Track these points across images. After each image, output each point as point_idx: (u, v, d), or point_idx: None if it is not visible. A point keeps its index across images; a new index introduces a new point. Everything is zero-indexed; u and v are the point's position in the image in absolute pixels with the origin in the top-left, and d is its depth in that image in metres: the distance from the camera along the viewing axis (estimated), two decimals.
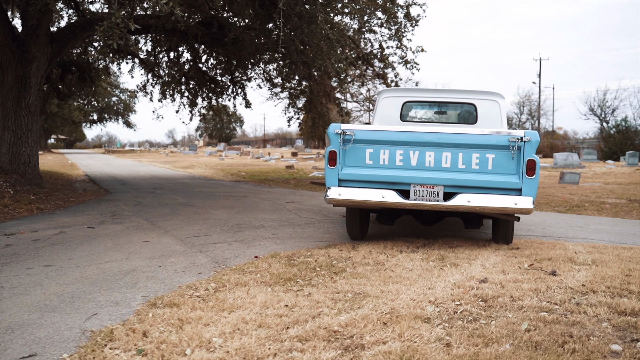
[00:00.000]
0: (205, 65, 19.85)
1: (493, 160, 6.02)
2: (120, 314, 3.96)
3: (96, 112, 71.65)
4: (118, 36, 6.81)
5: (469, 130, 6.33)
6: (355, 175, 6.28)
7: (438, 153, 6.13)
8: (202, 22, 14.20)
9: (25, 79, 11.77)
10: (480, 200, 5.90)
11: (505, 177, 5.96)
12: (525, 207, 5.79)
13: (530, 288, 4.19)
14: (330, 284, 4.54)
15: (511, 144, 5.92)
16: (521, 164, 5.93)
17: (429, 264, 5.19)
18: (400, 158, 6.21)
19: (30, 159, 12.04)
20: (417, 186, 6.12)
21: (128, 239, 7.08)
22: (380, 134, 6.30)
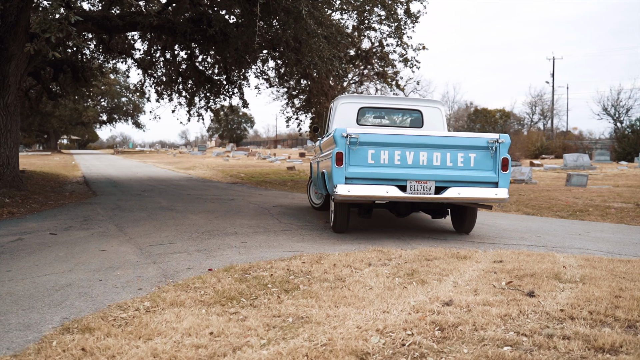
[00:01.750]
0: (201, 64, 19.42)
1: (474, 159, 7.04)
2: (23, 340, 3.45)
3: (106, 112, 71.74)
4: (57, 29, 6.31)
5: (457, 134, 7.46)
6: (360, 173, 6.95)
7: (430, 153, 7.01)
8: (191, 19, 13.74)
9: (3, 78, 11.33)
10: (468, 192, 6.92)
11: (485, 173, 7.05)
12: (502, 197, 6.99)
13: (499, 313, 3.62)
14: (274, 305, 3.99)
15: (489, 145, 7.02)
16: (497, 161, 7.03)
17: (394, 280, 4.63)
18: (398, 158, 7.01)
19: (9, 160, 11.61)
20: (413, 182, 6.97)
21: (85, 247, 6.58)
22: (381, 137, 7.06)
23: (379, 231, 7.85)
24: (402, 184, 6.94)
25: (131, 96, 63.68)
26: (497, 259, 5.55)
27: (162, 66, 20.18)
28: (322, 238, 7.21)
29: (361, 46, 17.78)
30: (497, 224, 8.90)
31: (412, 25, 16.36)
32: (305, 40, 11.49)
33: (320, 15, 11.04)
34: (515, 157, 31.53)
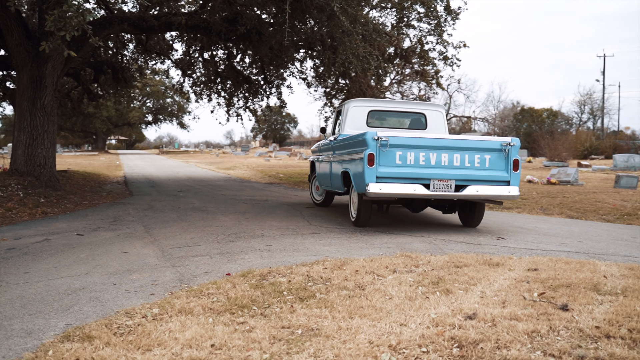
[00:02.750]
0: (239, 64, 19.38)
1: (489, 159, 7.76)
2: (21, 348, 3.32)
3: (151, 113, 73.01)
4: (72, 27, 6.22)
5: (474, 137, 8.18)
6: (389, 173, 7.51)
7: (451, 155, 7.64)
8: (227, 18, 13.64)
9: (40, 79, 11.46)
10: (485, 190, 7.65)
11: (499, 172, 7.77)
12: (514, 194, 7.78)
13: (526, 329, 3.30)
14: (285, 315, 3.77)
15: (503, 148, 7.78)
16: (509, 162, 7.78)
17: (417, 289, 4.34)
18: (423, 158, 7.60)
19: (46, 160, 11.73)
20: (436, 180, 7.59)
21: (107, 249, 6.50)
22: (408, 140, 7.66)
23: (410, 234, 7.55)
24: (426, 182, 7.57)
25: (176, 97, 64.57)
26: (532, 266, 5.19)
27: (201, 67, 20.24)
28: (350, 242, 6.95)
29: (400, 44, 17.41)
30: (538, 228, 8.47)
31: (453, 22, 15.95)
32: (340, 38, 11.25)
33: (355, 12, 10.76)
34: (562, 158, 30.54)
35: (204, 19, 13.49)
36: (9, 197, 10.07)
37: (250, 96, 20.18)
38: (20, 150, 11.57)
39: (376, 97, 18.08)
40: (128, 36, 17.93)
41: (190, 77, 20.09)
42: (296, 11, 11.48)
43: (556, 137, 37.50)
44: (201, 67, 20.24)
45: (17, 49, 11.27)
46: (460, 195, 7.64)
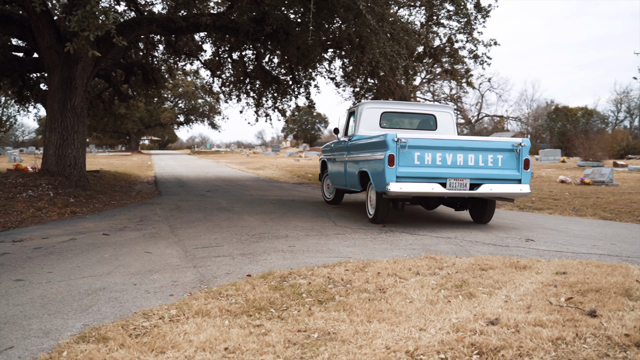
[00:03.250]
0: (268, 64, 19.40)
1: (502, 159, 8.15)
2: (36, 349, 3.32)
3: (183, 114, 73.80)
4: (95, 27, 6.24)
5: (487, 139, 8.65)
6: (408, 172, 7.88)
7: (465, 155, 8.03)
8: (254, 19, 13.65)
9: (70, 80, 11.62)
10: (498, 188, 8.06)
11: (510, 171, 8.17)
12: (525, 192, 8.19)
13: (551, 336, 3.16)
14: (303, 318, 3.69)
15: (514, 148, 8.17)
16: (520, 162, 8.17)
17: (439, 293, 4.22)
18: (439, 159, 7.98)
19: (76, 160, 11.89)
20: (452, 179, 7.95)
21: (131, 249, 6.52)
22: (426, 141, 8.02)
23: (436, 235, 7.41)
24: (443, 181, 7.94)
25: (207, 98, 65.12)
26: (561, 270, 5.01)
27: (230, 67, 20.32)
28: (374, 243, 6.85)
29: (429, 43, 17.21)
30: (569, 230, 8.23)
31: (483, 20, 15.70)
32: (367, 37, 11.14)
33: (382, 11, 10.63)
34: (596, 157, 29.84)
35: (231, 19, 13.53)
36: (39, 196, 10.22)
37: (279, 96, 20.19)
38: (52, 150, 11.75)
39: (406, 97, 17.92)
40: (158, 37, 18.10)
41: (219, 78, 20.19)
42: (323, 10, 11.42)
43: (591, 136, 36.72)
44: (230, 68, 20.33)
45: (48, 51, 11.44)
46: (475, 193, 8.03)
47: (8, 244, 6.89)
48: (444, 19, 16.22)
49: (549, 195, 13.26)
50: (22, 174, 11.66)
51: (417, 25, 16.80)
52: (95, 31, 6.24)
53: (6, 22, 11.63)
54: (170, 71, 19.82)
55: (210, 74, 20.27)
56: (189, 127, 75.57)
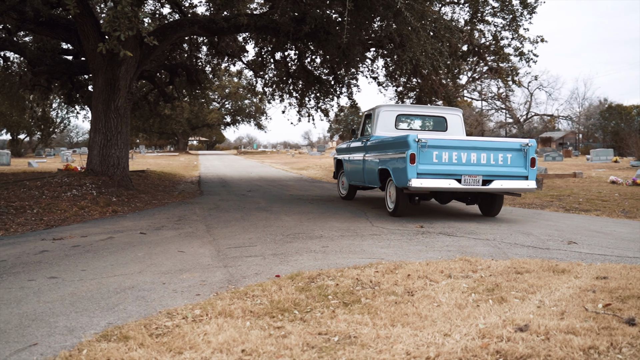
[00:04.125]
0: (310, 64, 19.39)
1: (511, 158, 8.96)
2: (59, 346, 3.34)
3: (229, 114, 74.70)
4: (126, 27, 6.29)
5: (498, 139, 9.54)
6: (428, 169, 8.66)
7: (478, 154, 8.84)
8: (295, 18, 13.64)
9: (114, 82, 11.85)
10: (507, 184, 8.86)
11: (518, 169, 8.98)
12: (532, 187, 9.04)
13: (582, 345, 2.99)
14: (325, 320, 3.61)
15: (522, 148, 8.98)
16: (527, 160, 8.99)
17: (470, 297, 4.07)
18: (455, 157, 8.79)
19: (119, 160, 12.12)
20: (466, 176, 8.77)
21: (166, 248, 6.57)
22: (443, 141, 8.88)
23: (474, 237, 7.21)
24: (458, 177, 8.73)
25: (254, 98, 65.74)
26: (601, 274, 4.78)
27: (273, 67, 20.41)
28: (409, 244, 6.71)
29: (474, 41, 16.86)
30: (616, 232, 7.89)
31: (529, 16, 15.30)
32: (407, 35, 10.98)
33: (422, 8, 10.45)
34: None
35: (272, 19, 13.56)
36: (83, 195, 10.44)
37: (321, 96, 20.16)
38: (96, 150, 12.01)
39: (449, 96, 17.64)
40: (202, 39, 18.32)
41: (262, 78, 20.30)
42: (362, 9, 11.31)
43: None
44: (273, 68, 20.42)
45: (92, 54, 11.69)
46: (487, 188, 8.85)
47: (48, 241, 7.04)
48: (489, 16, 15.88)
49: (597, 197, 12.80)
50: (68, 174, 11.96)
51: (461, 23, 16.50)
52: (127, 31, 6.31)
53: (53, 26, 11.96)
54: (214, 72, 20.02)
55: (253, 75, 20.39)
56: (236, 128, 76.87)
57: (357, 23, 12.08)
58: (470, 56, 17.77)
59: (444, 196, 10.03)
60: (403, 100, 19.58)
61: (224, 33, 14.58)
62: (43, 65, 14.22)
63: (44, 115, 22.76)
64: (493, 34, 16.37)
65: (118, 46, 6.78)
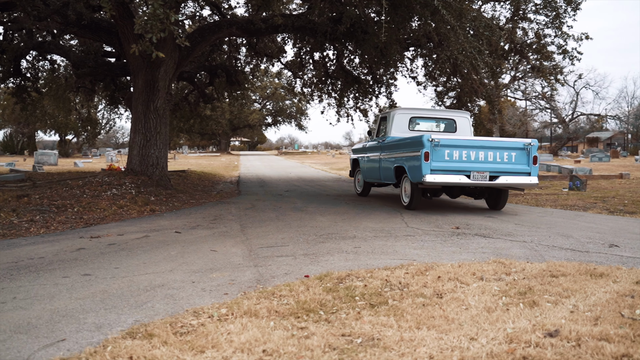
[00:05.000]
0: (349, 64, 19.34)
1: (515, 156, 9.89)
2: (86, 342, 3.38)
3: (271, 115, 75.24)
4: (158, 29, 6.35)
5: (503, 139, 10.30)
6: (440, 166, 9.62)
7: (486, 152, 9.77)
8: (332, 18, 13.62)
9: (153, 83, 12.04)
10: (512, 179, 9.82)
11: (522, 166, 9.93)
12: (534, 182, 9.96)
13: (615, 353, 2.86)
14: (350, 322, 3.56)
15: (525, 147, 9.93)
16: (530, 158, 9.92)
17: (500, 300, 3.96)
18: (465, 155, 9.73)
19: (158, 160, 12.31)
20: (475, 172, 9.71)
21: (199, 247, 6.62)
22: (454, 141, 9.79)
23: (511, 239, 7.04)
24: (468, 173, 9.68)
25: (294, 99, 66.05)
26: (639, 278, 4.60)
27: (312, 68, 20.44)
28: (443, 246, 6.60)
29: (515, 39, 16.52)
30: None
31: (573, 13, 14.93)
32: (445, 34, 10.82)
33: (460, 6, 10.28)
34: None
35: (309, 19, 13.56)
36: (122, 195, 10.64)
37: (360, 96, 20.09)
38: (135, 151, 12.22)
39: (490, 96, 17.33)
40: (241, 40, 18.47)
41: (301, 79, 20.34)
42: (400, 7, 11.21)
43: None
44: (312, 68, 20.45)
45: (133, 55, 11.88)
46: (493, 183, 9.80)
47: (86, 239, 7.19)
48: (531, 13, 15.55)
49: None
50: (109, 174, 12.21)
51: (502, 21, 16.20)
52: (158, 33, 6.39)
53: (95, 29, 12.23)
54: (253, 73, 20.17)
55: (292, 75, 20.46)
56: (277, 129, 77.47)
57: (395, 22, 11.98)
58: (512, 55, 17.44)
59: (454, 191, 10.82)
60: (443, 100, 19.36)
61: (261, 34, 14.67)
62: (86, 68, 14.57)
63: (88, 116, 23.30)
64: (535, 31, 16.02)
65: (151, 48, 6.87)
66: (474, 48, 10.67)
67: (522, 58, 17.17)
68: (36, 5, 10.35)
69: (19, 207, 9.34)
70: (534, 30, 15.99)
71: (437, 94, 19.06)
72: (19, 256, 6.11)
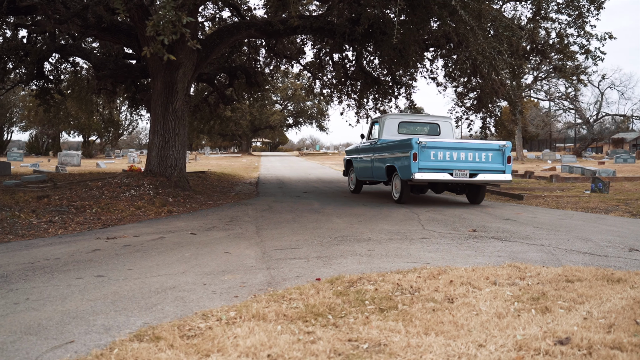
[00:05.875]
0: (368, 65, 19.27)
1: (492, 156, 11.38)
2: (93, 344, 3.39)
3: (292, 116, 75.40)
4: (170, 31, 6.36)
5: (481, 142, 12.03)
6: (427, 165, 11.03)
7: (466, 153, 11.23)
8: (351, 19, 13.58)
9: (172, 85, 12.11)
10: (489, 177, 11.34)
11: (498, 165, 11.41)
12: (508, 179, 11.50)
13: None
14: (357, 327, 3.53)
15: (500, 148, 11.43)
16: (504, 158, 11.40)
17: (512, 305, 3.90)
18: (448, 156, 11.17)
19: (176, 162, 12.38)
20: (457, 170, 11.15)
21: (213, 248, 6.63)
22: (438, 143, 11.30)
23: (528, 242, 6.93)
24: (450, 172, 11.14)
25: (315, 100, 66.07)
26: None
27: (331, 69, 20.41)
28: (459, 249, 6.52)
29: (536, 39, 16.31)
30: None
31: (596, 12, 14.70)
32: (463, 34, 10.72)
33: (479, 7, 10.16)
34: None
35: (327, 21, 13.54)
36: (140, 196, 10.72)
37: (379, 97, 20.01)
38: (154, 152, 12.31)
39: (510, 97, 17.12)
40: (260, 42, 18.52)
41: (319, 80, 20.33)
42: (418, 8, 11.13)
43: None
44: (332, 70, 20.42)
45: (152, 58, 11.95)
46: (473, 180, 11.31)
47: (102, 240, 7.25)
48: (553, 13, 15.34)
49: None
50: (128, 175, 12.31)
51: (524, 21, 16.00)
52: (170, 35, 6.41)
53: (115, 31, 12.35)
54: (272, 74, 20.21)
55: (312, 77, 20.45)
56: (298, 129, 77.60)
57: (414, 23, 11.89)
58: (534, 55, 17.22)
59: (438, 187, 12.78)
60: (463, 101, 19.17)
61: (280, 35, 14.68)
62: (106, 70, 14.73)
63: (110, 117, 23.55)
64: (557, 31, 15.80)
65: (162, 50, 6.90)
66: (493, 49, 10.54)
67: (543, 58, 16.91)
68: (57, 8, 10.48)
69: (38, 207, 9.46)
70: (556, 30, 15.77)
71: (457, 95, 18.88)
72: (35, 257, 6.18)
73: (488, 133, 18.42)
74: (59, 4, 10.39)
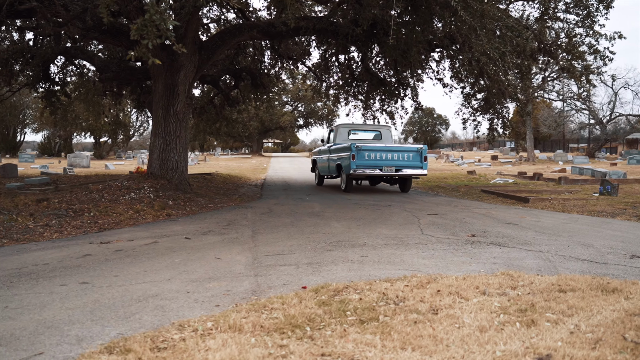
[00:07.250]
0: (374, 66, 19.12)
1: (412, 156, 15.16)
2: (62, 356, 3.31)
3: (302, 117, 75.33)
4: (154, 35, 6.28)
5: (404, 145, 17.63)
6: (362, 163, 14.78)
7: (392, 154, 15.01)
8: (354, 21, 13.45)
9: (173, 87, 12.05)
10: (410, 171, 15.18)
11: (416, 162, 15.17)
12: (424, 173, 15.43)
13: None
14: (334, 340, 3.41)
15: (418, 150, 15.23)
16: (422, 157, 15.19)
17: (497, 318, 3.76)
18: (379, 156, 14.93)
19: (177, 164, 12.32)
20: (385, 167, 14.93)
21: (204, 254, 6.54)
22: (371, 147, 14.99)
23: (527, 248, 6.77)
24: (381, 168, 14.90)
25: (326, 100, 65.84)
26: None
27: (337, 70, 20.29)
28: (454, 255, 6.38)
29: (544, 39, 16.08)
30: None
31: (605, 11, 14.49)
32: (466, 35, 10.56)
33: (481, 7, 10.00)
34: None
35: (330, 22, 13.43)
36: (140, 199, 10.66)
37: (386, 98, 19.87)
38: (156, 154, 12.26)
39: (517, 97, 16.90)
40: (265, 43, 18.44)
41: (325, 82, 20.21)
42: (420, 8, 10.99)
43: None
44: (337, 71, 20.30)
45: None
46: (398, 174, 15.16)
47: (95, 245, 7.18)
48: (561, 12, 15.13)
49: None
50: (128, 177, 12.26)
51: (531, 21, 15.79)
52: (155, 39, 6.33)
53: (116, 34, 12.31)
54: (277, 76, 20.14)
55: (317, 79, 20.34)
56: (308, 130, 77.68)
57: (417, 23, 11.75)
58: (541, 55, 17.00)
59: (374, 179, 17.80)
60: (470, 102, 18.96)
61: (283, 37, 14.58)
62: (109, 72, 14.71)
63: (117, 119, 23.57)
64: (565, 31, 15.58)
65: (147, 54, 6.82)
66: (496, 50, 10.37)
67: (551, 58, 16.68)
68: (57, 11, 10.45)
69: (37, 211, 9.43)
70: (564, 30, 15.55)
71: (464, 96, 18.69)
72: (24, 262, 6.13)
73: (496, 135, 18.22)
74: (59, 6, 10.35)
